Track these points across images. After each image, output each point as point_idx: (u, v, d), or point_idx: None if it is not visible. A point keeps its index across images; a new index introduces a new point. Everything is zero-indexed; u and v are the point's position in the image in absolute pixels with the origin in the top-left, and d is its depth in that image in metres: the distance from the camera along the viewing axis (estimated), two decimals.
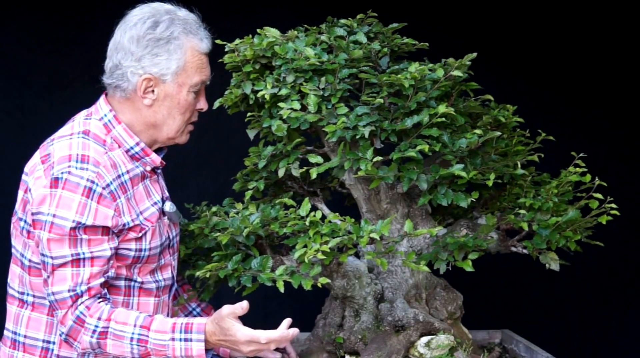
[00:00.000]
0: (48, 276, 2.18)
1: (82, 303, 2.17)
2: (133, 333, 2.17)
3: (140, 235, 2.27)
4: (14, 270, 2.33)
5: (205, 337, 2.20)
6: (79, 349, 2.20)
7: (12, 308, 2.34)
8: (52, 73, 4.30)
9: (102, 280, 2.20)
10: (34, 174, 2.22)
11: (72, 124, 2.31)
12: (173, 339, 2.18)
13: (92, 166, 2.20)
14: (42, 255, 2.18)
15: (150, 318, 2.20)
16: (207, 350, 2.23)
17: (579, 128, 4.52)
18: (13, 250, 2.32)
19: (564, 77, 4.58)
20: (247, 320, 4.36)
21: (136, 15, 2.32)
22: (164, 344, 2.18)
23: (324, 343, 2.71)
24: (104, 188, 2.19)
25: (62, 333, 2.19)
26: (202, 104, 2.42)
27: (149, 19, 2.30)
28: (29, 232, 2.24)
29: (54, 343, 2.30)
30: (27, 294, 2.30)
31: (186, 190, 4.38)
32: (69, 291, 2.16)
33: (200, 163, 4.49)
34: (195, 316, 2.68)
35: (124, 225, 2.25)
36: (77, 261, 2.17)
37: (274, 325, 2.68)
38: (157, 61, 2.29)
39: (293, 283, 2.39)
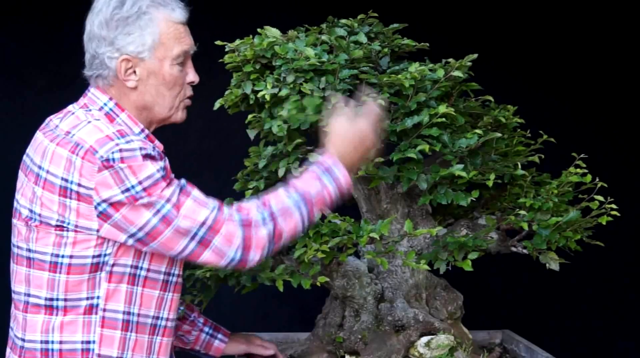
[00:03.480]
0: (179, 223, 2.07)
1: (230, 212, 2.10)
2: (295, 199, 2.13)
3: None
4: (39, 275, 2.18)
5: (340, 159, 2.19)
6: (256, 258, 2.10)
7: (37, 317, 2.19)
8: (52, 73, 4.31)
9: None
10: (73, 167, 2.11)
11: (74, 116, 2.22)
12: (323, 186, 2.15)
13: (134, 136, 2.14)
14: (155, 213, 2.07)
15: (290, 182, 2.17)
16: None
17: (579, 128, 4.53)
18: (35, 255, 2.17)
19: (564, 77, 4.58)
20: (248, 319, 4.36)
21: (100, 1, 2.26)
22: (320, 192, 2.14)
23: (324, 343, 2.71)
24: (153, 150, 2.13)
25: (234, 256, 2.08)
26: (192, 77, 2.29)
27: (113, 0, 2.23)
28: (76, 226, 2.12)
29: (94, 342, 2.17)
30: (57, 299, 2.17)
31: None
32: (209, 210, 2.09)
33: (201, 163, 4.50)
34: (181, 315, 2.61)
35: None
36: (184, 191, 2.11)
37: (274, 325, 2.69)
38: (130, 40, 2.20)
39: (292, 282, 2.39)
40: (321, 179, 2.16)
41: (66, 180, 2.12)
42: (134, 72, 2.23)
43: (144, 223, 2.09)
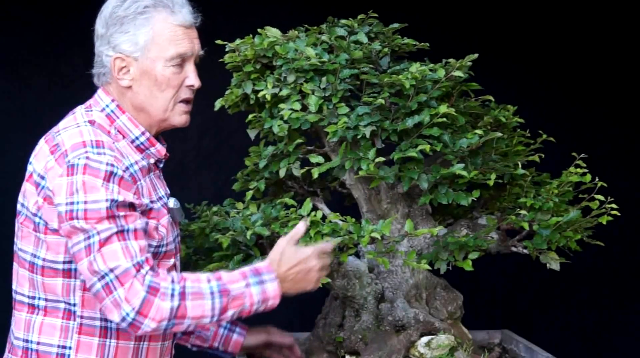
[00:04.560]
0: (94, 258, 2.04)
1: (146, 272, 2.04)
2: (212, 288, 2.08)
3: (157, 224, 2.21)
4: (23, 273, 2.22)
5: (276, 274, 2.15)
6: (150, 327, 2.04)
7: (21, 315, 2.23)
8: (52, 73, 4.31)
9: (150, 254, 2.12)
10: (46, 167, 2.14)
11: (73, 116, 2.24)
12: (248, 285, 2.11)
13: (109, 151, 2.12)
14: (85, 239, 2.06)
15: (217, 273, 2.13)
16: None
17: (579, 128, 4.53)
18: (20, 253, 2.22)
19: (564, 77, 4.59)
20: (248, 319, 4.35)
21: (108, 1, 2.27)
22: (242, 291, 2.10)
23: (324, 343, 2.71)
24: (124, 171, 2.11)
25: (128, 314, 2.03)
26: (193, 81, 2.27)
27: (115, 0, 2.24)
28: (46, 228, 2.15)
29: (70, 348, 2.19)
30: (39, 298, 2.20)
31: (186, 190, 4.38)
32: (128, 262, 2.04)
33: (200, 163, 4.50)
34: None
35: (146, 205, 2.17)
36: (122, 233, 2.06)
37: (274, 325, 2.69)
38: (125, 38, 2.20)
39: None
40: (249, 281, 2.12)
41: (41, 177, 2.16)
42: (128, 71, 2.24)
43: (75, 242, 2.09)
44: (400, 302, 2.65)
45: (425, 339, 2.61)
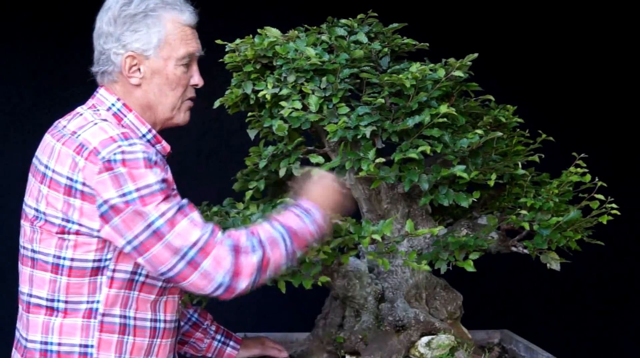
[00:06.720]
0: (171, 239, 2.06)
1: (222, 236, 2.10)
2: (280, 231, 2.15)
3: None
4: (41, 276, 2.20)
5: (309, 197, 2.26)
6: (244, 284, 2.09)
7: (37, 318, 2.21)
8: (52, 73, 4.31)
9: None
10: (76, 168, 2.12)
11: (81, 117, 2.22)
12: (302, 219, 2.19)
13: (137, 140, 2.14)
14: (147, 226, 2.07)
15: (270, 219, 2.21)
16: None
17: (579, 128, 4.53)
18: (38, 256, 2.19)
19: (564, 77, 4.59)
20: (248, 320, 4.35)
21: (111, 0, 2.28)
22: (301, 227, 2.18)
23: (324, 343, 2.71)
24: (155, 155, 2.14)
25: (224, 279, 2.07)
26: (197, 80, 2.32)
27: None
28: (78, 229, 2.13)
29: (92, 346, 2.18)
30: (58, 300, 2.18)
31: (186, 190, 4.37)
32: (204, 232, 2.08)
33: (200, 163, 4.50)
34: (195, 322, 2.65)
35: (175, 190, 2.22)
36: (182, 210, 2.10)
37: (274, 325, 2.70)
38: (137, 37, 2.22)
39: (294, 282, 2.39)
40: (302, 218, 2.19)
41: (71, 179, 2.14)
42: (139, 69, 2.25)
43: (138, 233, 2.09)
44: (401, 302, 2.65)
45: (425, 339, 2.61)
